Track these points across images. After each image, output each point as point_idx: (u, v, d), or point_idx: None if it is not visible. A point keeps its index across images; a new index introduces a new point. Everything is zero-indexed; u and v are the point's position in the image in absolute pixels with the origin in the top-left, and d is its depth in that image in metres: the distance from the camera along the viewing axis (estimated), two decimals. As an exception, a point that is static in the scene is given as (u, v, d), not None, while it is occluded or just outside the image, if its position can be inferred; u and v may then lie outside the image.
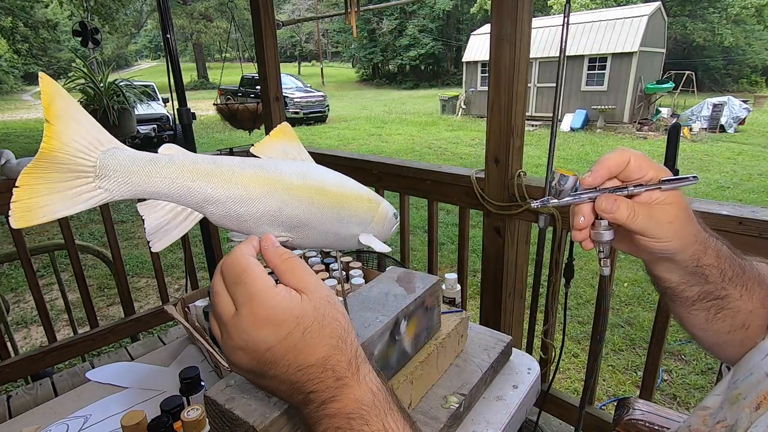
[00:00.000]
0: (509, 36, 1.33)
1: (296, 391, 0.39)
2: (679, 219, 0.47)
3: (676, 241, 0.47)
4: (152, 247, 0.43)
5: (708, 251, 0.49)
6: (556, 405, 1.65)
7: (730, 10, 21.11)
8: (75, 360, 1.95)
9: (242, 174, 0.44)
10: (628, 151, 0.47)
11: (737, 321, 0.52)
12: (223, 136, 11.47)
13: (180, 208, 0.44)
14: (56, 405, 0.89)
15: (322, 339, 0.38)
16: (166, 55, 1.69)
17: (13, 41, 15.28)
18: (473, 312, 2.83)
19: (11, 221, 0.37)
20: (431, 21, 29.48)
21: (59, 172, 0.39)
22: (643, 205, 0.46)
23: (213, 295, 0.41)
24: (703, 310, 0.52)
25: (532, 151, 9.10)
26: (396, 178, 1.83)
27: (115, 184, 0.41)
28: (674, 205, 0.47)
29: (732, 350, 0.54)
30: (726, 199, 6.43)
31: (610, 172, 0.47)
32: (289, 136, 0.52)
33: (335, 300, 0.41)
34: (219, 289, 0.40)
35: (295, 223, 0.47)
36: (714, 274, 0.50)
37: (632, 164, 0.47)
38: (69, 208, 0.40)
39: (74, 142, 0.39)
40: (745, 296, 0.51)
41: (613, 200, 0.45)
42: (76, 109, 0.40)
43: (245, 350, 0.38)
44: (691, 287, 0.51)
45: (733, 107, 11.39)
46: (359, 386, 0.39)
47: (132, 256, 4.33)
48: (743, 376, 0.47)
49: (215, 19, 27.39)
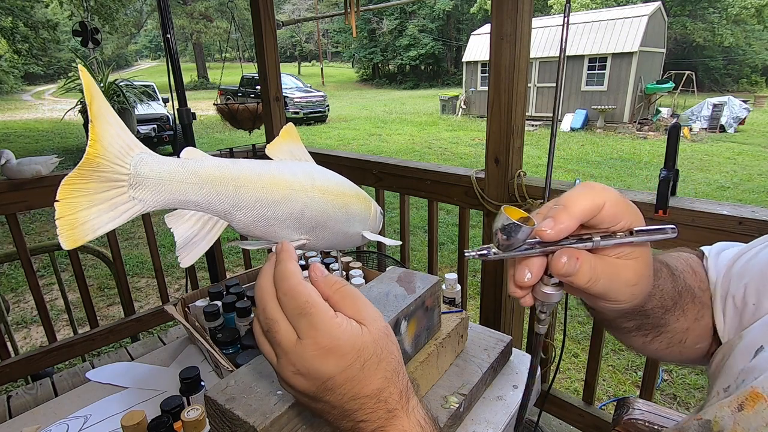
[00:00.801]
0: (509, 36, 1.33)
1: (347, 418, 0.40)
2: (643, 278, 0.40)
3: (633, 302, 0.41)
4: (182, 262, 0.40)
5: (654, 297, 0.45)
6: (557, 405, 1.65)
7: (730, 10, 21.11)
8: (75, 360, 1.95)
9: (265, 177, 0.43)
10: (603, 192, 0.37)
11: (674, 339, 0.51)
12: (223, 136, 11.47)
13: (207, 217, 0.41)
14: (56, 405, 0.89)
15: (378, 372, 0.39)
16: (166, 55, 1.69)
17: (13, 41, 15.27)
18: (473, 312, 2.83)
19: (61, 242, 0.34)
20: (431, 21, 29.49)
21: (97, 181, 0.35)
22: (606, 263, 0.38)
23: (270, 321, 0.39)
24: (640, 336, 0.51)
25: (532, 151, 9.10)
26: (396, 178, 1.83)
27: (149, 194, 0.37)
28: (640, 261, 0.39)
29: (670, 359, 0.54)
30: (726, 199, 6.43)
31: (580, 221, 0.36)
32: (294, 137, 0.52)
33: (391, 331, 0.42)
34: (278, 317, 0.39)
35: (313, 224, 0.47)
36: (655, 313, 0.47)
37: (607, 210, 0.37)
38: (107, 224, 0.35)
39: (111, 146, 0.35)
40: (681, 318, 0.50)
41: (575, 260, 0.36)
42: (107, 108, 0.35)
43: (306, 377, 0.39)
44: (629, 322, 0.49)
45: (733, 107, 11.39)
46: (408, 418, 0.40)
47: (132, 256, 4.33)
48: (722, 380, 0.46)
49: (215, 19, 27.39)
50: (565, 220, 0.35)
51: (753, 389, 0.36)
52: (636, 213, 0.38)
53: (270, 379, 0.60)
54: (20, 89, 26.47)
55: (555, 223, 0.36)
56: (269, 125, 2.18)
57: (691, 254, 0.56)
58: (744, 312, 0.46)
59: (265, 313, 0.40)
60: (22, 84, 27.21)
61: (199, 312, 1.04)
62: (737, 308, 0.47)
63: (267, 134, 2.26)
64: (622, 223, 0.37)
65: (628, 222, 0.37)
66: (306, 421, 0.60)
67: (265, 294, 0.40)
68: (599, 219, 0.37)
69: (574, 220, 0.36)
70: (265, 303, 0.40)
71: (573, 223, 0.36)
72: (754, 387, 0.36)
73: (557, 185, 1.41)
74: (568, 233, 0.36)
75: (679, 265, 0.52)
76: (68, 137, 11.44)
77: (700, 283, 0.52)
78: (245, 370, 0.62)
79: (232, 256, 4.16)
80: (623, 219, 0.37)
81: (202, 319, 1.02)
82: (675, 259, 0.54)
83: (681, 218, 1.17)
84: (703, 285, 0.52)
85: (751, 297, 0.46)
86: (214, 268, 1.99)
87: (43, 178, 1.59)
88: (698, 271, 0.53)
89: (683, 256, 0.56)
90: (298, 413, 0.58)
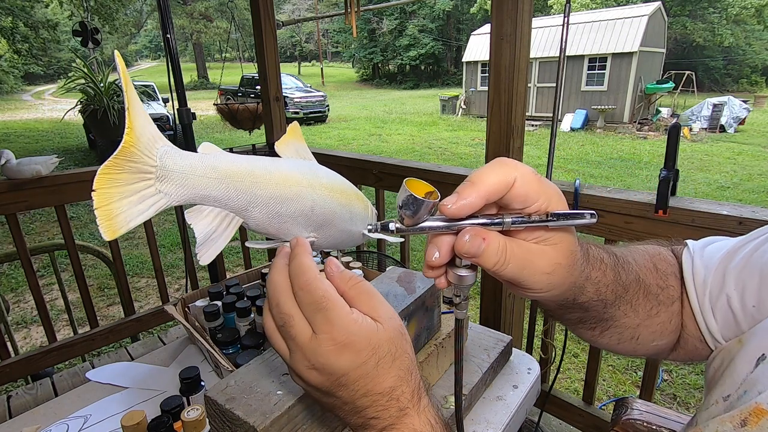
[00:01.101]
0: (509, 36, 1.33)
1: (358, 414, 0.40)
2: (561, 268, 0.37)
3: (551, 292, 0.38)
4: (201, 260, 0.40)
5: (586, 290, 0.42)
6: (557, 405, 1.65)
7: (730, 10, 21.12)
8: (75, 360, 1.95)
9: (276, 173, 0.43)
10: (515, 168, 0.34)
11: (625, 335, 0.49)
12: (223, 136, 11.47)
13: (224, 213, 0.41)
14: (56, 405, 0.89)
15: (392, 370, 0.39)
16: (166, 55, 1.69)
17: (13, 41, 15.29)
18: (473, 312, 2.83)
19: (102, 232, 0.34)
20: (431, 21, 29.50)
21: (129, 172, 0.34)
22: (520, 247, 0.35)
23: (285, 316, 0.39)
24: (587, 330, 0.49)
25: (532, 151, 9.10)
26: (396, 178, 1.83)
27: (174, 187, 0.36)
28: (558, 249, 0.36)
29: (627, 354, 0.53)
30: (726, 199, 6.43)
31: (486, 199, 0.34)
32: (298, 136, 0.53)
33: (405, 330, 0.42)
34: (293, 312, 0.39)
35: (321, 222, 0.47)
36: (594, 306, 0.44)
37: (518, 188, 0.34)
38: (137, 217, 0.35)
39: (142, 136, 0.34)
40: (631, 313, 0.47)
41: (480, 240, 0.34)
42: (134, 97, 0.34)
43: (320, 372, 0.39)
44: (570, 313, 0.47)
45: (733, 107, 11.39)
46: (419, 417, 0.41)
47: (132, 256, 4.33)
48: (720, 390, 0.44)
49: (215, 19, 27.40)
50: (468, 196, 0.33)
51: (757, 405, 0.35)
52: (554, 195, 0.35)
53: (270, 379, 0.61)
54: (20, 89, 26.48)
55: (458, 198, 0.34)
56: (269, 125, 2.18)
57: (664, 248, 0.54)
58: (742, 314, 0.45)
59: (280, 308, 0.39)
60: (22, 84, 27.22)
61: (199, 312, 1.04)
62: (734, 309, 0.45)
63: (267, 134, 2.26)
64: (536, 204, 0.35)
65: (543, 203, 0.35)
66: (306, 420, 0.60)
67: (279, 288, 0.40)
68: (509, 198, 0.35)
69: (478, 196, 0.34)
70: (279, 297, 0.39)
71: (477, 200, 0.34)
72: (759, 403, 0.35)
73: (557, 185, 1.40)
74: (471, 210, 0.34)
75: (638, 258, 0.50)
76: (68, 137, 11.44)
77: (659, 281, 0.50)
78: (245, 370, 0.62)
79: (232, 256, 4.16)
80: (537, 200, 0.35)
81: (202, 319, 1.02)
82: (634, 251, 0.51)
83: (681, 218, 1.17)
84: (662, 283, 0.50)
85: (750, 298, 0.44)
86: (214, 268, 1.99)
87: (43, 178, 1.59)
88: (662, 269, 0.51)
89: (650, 251, 0.53)
90: (298, 413, 0.58)
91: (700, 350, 0.51)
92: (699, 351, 0.51)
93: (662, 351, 0.52)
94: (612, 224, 1.31)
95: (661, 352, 0.52)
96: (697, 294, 0.49)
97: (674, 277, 0.51)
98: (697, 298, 0.49)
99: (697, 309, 0.49)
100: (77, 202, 2.77)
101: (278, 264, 0.41)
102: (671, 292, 0.50)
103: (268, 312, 0.41)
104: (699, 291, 0.49)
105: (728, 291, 0.46)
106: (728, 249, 0.49)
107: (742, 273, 0.46)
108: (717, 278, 0.48)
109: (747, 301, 0.44)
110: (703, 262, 0.50)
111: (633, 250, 0.52)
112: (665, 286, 0.50)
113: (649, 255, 0.52)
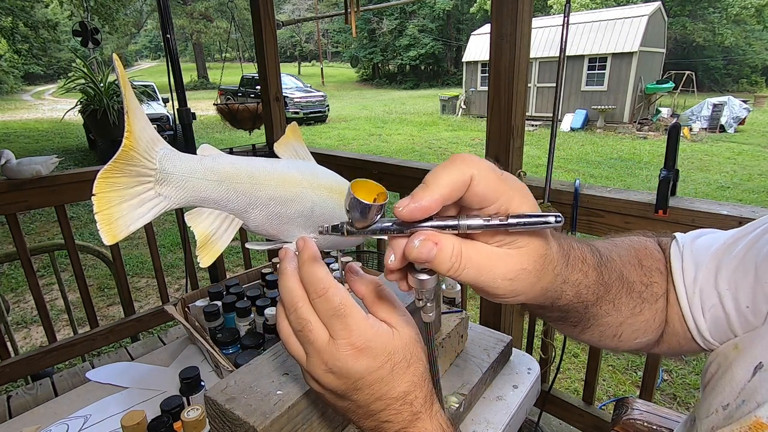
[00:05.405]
0: (509, 36, 1.33)
1: (371, 417, 0.41)
2: (526, 273, 0.34)
3: (517, 297, 0.36)
4: (201, 262, 0.40)
5: (565, 294, 0.40)
6: (557, 405, 1.65)
7: (730, 10, 21.12)
8: (75, 360, 1.95)
9: (275, 174, 0.43)
10: (471, 165, 0.32)
11: (607, 333, 0.48)
12: (223, 136, 11.48)
13: (224, 215, 0.41)
14: (56, 405, 0.89)
15: (406, 375, 0.40)
16: (166, 55, 1.69)
17: (13, 41, 15.30)
18: (473, 312, 2.83)
19: (102, 237, 0.34)
20: (431, 21, 29.50)
21: (128, 176, 0.34)
22: (478, 251, 0.33)
23: (303, 321, 0.39)
24: (568, 327, 0.48)
25: (532, 151, 9.10)
26: (396, 178, 1.83)
27: (174, 190, 0.37)
28: (524, 253, 0.33)
29: (608, 349, 0.53)
30: (726, 199, 6.43)
31: (442, 201, 0.32)
32: (297, 136, 0.53)
33: (420, 337, 0.43)
34: (311, 318, 0.39)
35: (320, 223, 0.47)
36: (574, 308, 0.43)
37: (474, 188, 0.32)
38: (137, 220, 0.35)
39: (141, 139, 0.34)
40: (613, 312, 0.46)
41: (431, 244, 0.31)
42: (133, 100, 0.34)
43: (337, 375, 0.39)
44: (548, 313, 0.45)
45: (733, 107, 11.39)
46: (431, 422, 0.41)
47: (132, 256, 4.33)
48: (716, 400, 0.42)
49: (215, 19, 27.40)
50: (420, 199, 0.31)
51: (757, 419, 0.35)
52: (517, 194, 0.33)
53: (270, 379, 0.61)
54: (20, 89, 26.48)
55: (410, 201, 0.31)
56: (269, 125, 2.18)
57: (650, 241, 0.52)
58: (735, 314, 0.43)
59: (297, 314, 0.40)
60: (22, 84, 27.23)
61: (199, 312, 1.04)
62: (726, 309, 0.44)
63: (267, 134, 2.26)
64: (495, 204, 0.32)
65: (503, 204, 0.32)
66: (306, 420, 0.60)
67: (295, 295, 0.40)
68: (466, 198, 0.32)
69: (432, 199, 0.31)
70: (296, 304, 0.40)
71: (431, 203, 0.31)
72: (758, 417, 0.35)
73: (557, 185, 1.41)
74: (426, 213, 0.31)
75: (622, 254, 0.48)
76: (68, 137, 11.44)
77: (643, 278, 0.48)
78: (245, 370, 0.62)
79: (232, 257, 4.16)
80: (496, 199, 0.32)
81: (202, 319, 1.02)
82: (619, 246, 0.49)
83: (681, 218, 1.17)
84: (646, 280, 0.48)
85: (744, 298, 0.43)
86: (214, 269, 1.99)
87: (43, 178, 1.59)
88: (647, 265, 0.49)
89: (635, 245, 0.51)
90: (298, 413, 0.58)
91: (685, 346, 0.50)
92: (683, 347, 0.50)
93: (645, 347, 0.52)
94: (612, 224, 1.31)
95: (644, 348, 0.52)
96: (687, 292, 0.47)
97: (659, 273, 0.50)
98: (687, 296, 0.47)
99: (686, 308, 0.47)
100: (77, 202, 2.77)
101: (288, 269, 0.41)
102: (655, 289, 0.49)
103: (284, 317, 0.41)
104: (689, 289, 0.47)
105: (720, 290, 0.45)
106: (720, 245, 0.46)
107: (735, 272, 0.44)
108: (708, 276, 0.46)
109: (740, 302, 0.43)
110: (693, 258, 0.48)
111: (618, 243, 0.50)
112: (649, 283, 0.48)
113: (635, 250, 0.50)
